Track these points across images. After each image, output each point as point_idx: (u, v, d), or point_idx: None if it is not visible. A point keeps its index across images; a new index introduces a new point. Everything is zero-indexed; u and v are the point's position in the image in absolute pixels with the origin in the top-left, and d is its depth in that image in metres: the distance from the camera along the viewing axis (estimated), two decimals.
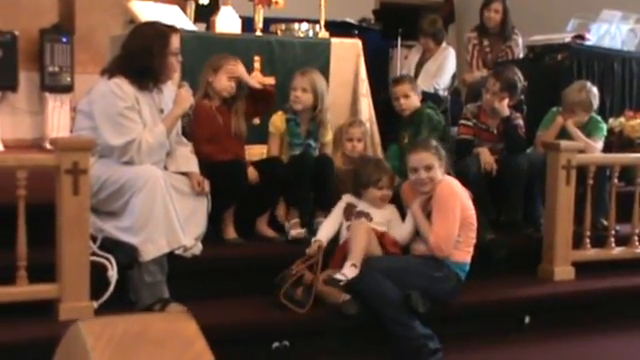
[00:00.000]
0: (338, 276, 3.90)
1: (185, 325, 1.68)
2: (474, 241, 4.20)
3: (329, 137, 4.88)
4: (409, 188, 4.31)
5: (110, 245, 3.86)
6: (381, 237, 4.15)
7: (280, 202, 4.61)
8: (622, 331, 4.56)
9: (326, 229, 4.28)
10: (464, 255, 4.15)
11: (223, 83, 4.45)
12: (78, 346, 1.58)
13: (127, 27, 5.06)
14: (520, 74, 5.12)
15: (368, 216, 4.22)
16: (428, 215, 4.16)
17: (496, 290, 4.51)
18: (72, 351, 1.63)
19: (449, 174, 4.31)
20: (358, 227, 4.09)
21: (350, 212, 4.28)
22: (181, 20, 5.24)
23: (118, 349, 1.56)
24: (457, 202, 4.13)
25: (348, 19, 7.97)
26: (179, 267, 3.91)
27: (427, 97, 5.40)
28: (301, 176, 4.51)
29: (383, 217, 4.25)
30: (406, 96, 5.02)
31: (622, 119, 5.76)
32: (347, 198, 4.34)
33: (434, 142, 4.34)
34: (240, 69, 4.51)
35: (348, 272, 3.92)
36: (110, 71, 4.00)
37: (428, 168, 4.16)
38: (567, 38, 6.12)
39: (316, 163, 4.61)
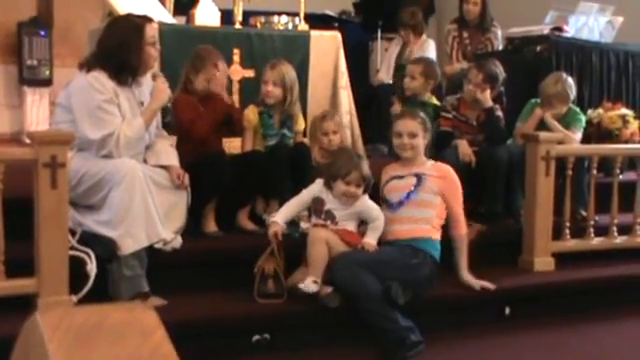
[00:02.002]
0: (301, 286, 3.87)
1: (145, 315, 1.66)
2: (443, 221, 4.31)
3: (303, 125, 4.89)
4: (388, 169, 4.41)
5: (89, 239, 3.84)
6: (343, 234, 4.06)
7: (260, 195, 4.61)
8: (602, 321, 4.58)
9: (288, 210, 4.17)
10: (437, 232, 4.23)
11: (201, 84, 4.45)
12: (35, 338, 1.57)
13: (106, 20, 5.04)
14: (501, 66, 5.14)
15: (333, 219, 4.10)
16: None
17: None
18: (30, 343, 1.61)
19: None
20: (315, 238, 3.99)
21: (318, 209, 4.16)
22: (160, 13, 5.22)
23: (76, 340, 1.55)
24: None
25: (328, 12, 7.98)
26: (159, 261, 3.90)
27: None
28: (278, 167, 4.50)
29: (352, 214, 4.13)
30: (412, 77, 5.08)
31: (600, 110, 5.78)
32: (319, 186, 4.19)
33: (423, 115, 4.45)
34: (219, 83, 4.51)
35: (309, 288, 3.87)
36: (88, 65, 3.97)
37: (411, 135, 4.28)
38: (545, 30, 6.15)
39: (292, 152, 4.60)
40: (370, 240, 4.08)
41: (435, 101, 5.29)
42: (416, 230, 4.17)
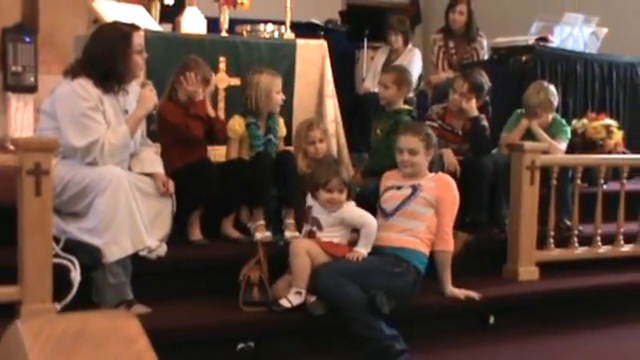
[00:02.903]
0: (283, 302, 3.88)
1: (127, 323, 1.65)
2: (433, 235, 4.28)
3: (284, 131, 4.90)
4: (389, 176, 4.41)
5: (73, 246, 3.82)
6: (326, 246, 4.03)
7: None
8: (585, 330, 4.60)
9: None
10: (426, 247, 4.22)
11: (185, 94, 4.45)
12: (17, 346, 1.55)
13: (91, 27, 5.02)
14: (486, 76, 5.16)
15: (320, 226, 4.10)
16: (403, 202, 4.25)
17: None
18: (11, 351, 1.60)
19: None
20: (297, 249, 3.97)
21: (308, 216, 4.19)
22: (146, 20, 5.21)
23: (57, 348, 1.54)
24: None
25: (314, 20, 7.98)
26: (143, 268, 3.88)
27: None
28: (262, 175, 4.48)
29: (335, 220, 4.10)
30: (385, 86, 5.00)
31: (585, 120, 5.82)
32: (309, 200, 4.23)
33: (427, 129, 4.43)
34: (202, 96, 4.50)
35: (293, 299, 3.89)
36: (73, 72, 3.95)
37: (412, 152, 4.26)
38: (531, 40, 6.18)
39: (277, 160, 4.59)
40: (360, 249, 4.07)
41: (407, 107, 5.22)
42: (403, 240, 4.17)
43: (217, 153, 4.81)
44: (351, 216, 4.12)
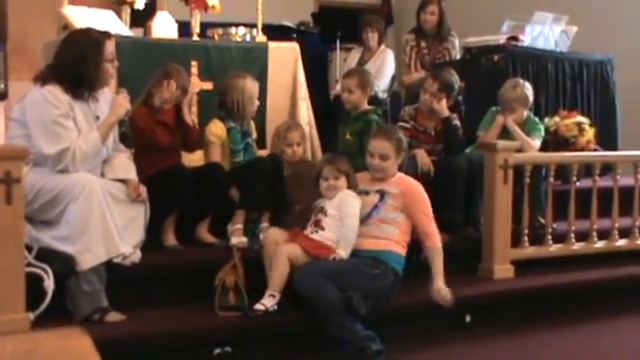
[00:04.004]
0: (258, 306, 3.88)
1: (78, 341, 1.64)
2: (409, 237, 4.26)
3: (255, 133, 4.92)
4: (358, 179, 4.37)
5: (46, 255, 3.79)
6: (308, 246, 4.03)
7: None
8: (561, 327, 4.63)
9: None
10: (402, 248, 4.20)
11: (160, 100, 4.45)
12: None
13: (61, 33, 4.99)
14: (456, 75, 5.17)
15: (324, 212, 4.13)
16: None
17: None
18: None
19: None
20: (279, 254, 3.96)
21: (316, 208, 4.22)
22: (116, 25, 5.18)
23: None
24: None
25: (286, 23, 7.97)
26: (118, 275, 3.86)
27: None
28: (258, 178, 4.46)
29: (335, 205, 4.13)
30: (349, 91, 4.96)
31: (557, 118, 5.85)
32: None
33: (399, 134, 4.40)
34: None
35: (267, 302, 3.90)
36: (43, 78, 3.92)
37: (383, 157, 4.25)
38: (502, 39, 6.21)
39: (268, 163, 4.58)
40: (340, 251, 4.06)
41: (379, 112, 5.19)
42: (380, 243, 4.15)
43: (191, 158, 4.79)
44: (344, 203, 4.13)
